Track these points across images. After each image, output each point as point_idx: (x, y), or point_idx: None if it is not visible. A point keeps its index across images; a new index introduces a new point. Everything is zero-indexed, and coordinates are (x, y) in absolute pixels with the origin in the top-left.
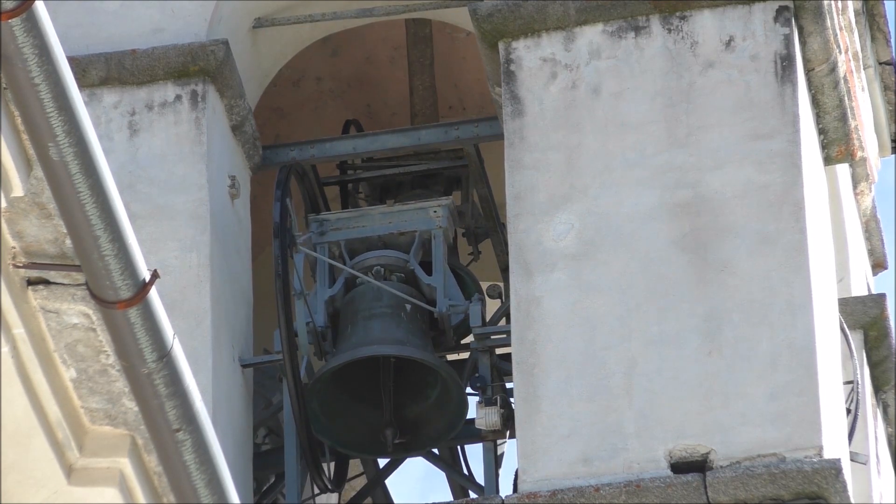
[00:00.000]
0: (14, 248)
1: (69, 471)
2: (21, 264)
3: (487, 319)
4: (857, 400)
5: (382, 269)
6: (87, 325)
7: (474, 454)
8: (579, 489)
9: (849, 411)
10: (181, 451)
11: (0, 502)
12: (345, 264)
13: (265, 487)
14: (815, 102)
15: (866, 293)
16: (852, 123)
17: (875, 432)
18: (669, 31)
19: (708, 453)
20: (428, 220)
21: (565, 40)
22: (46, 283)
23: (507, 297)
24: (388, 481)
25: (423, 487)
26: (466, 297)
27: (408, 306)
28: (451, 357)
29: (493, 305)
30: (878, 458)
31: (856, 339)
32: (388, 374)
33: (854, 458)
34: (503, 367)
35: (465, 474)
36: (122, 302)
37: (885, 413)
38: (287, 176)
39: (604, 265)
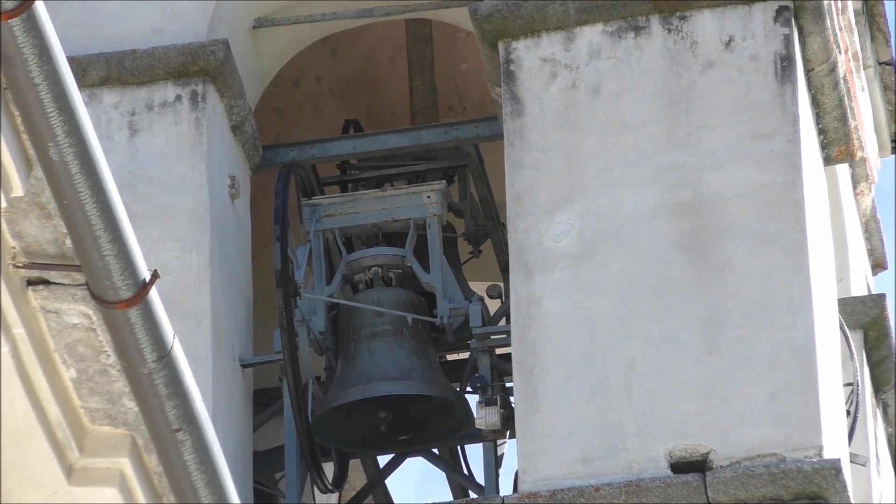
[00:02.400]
0: (14, 248)
1: (69, 471)
2: (21, 264)
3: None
4: (857, 400)
5: (380, 270)
6: (87, 325)
7: (474, 454)
8: (579, 489)
9: (848, 413)
10: (181, 451)
11: (0, 502)
12: (340, 255)
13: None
14: (815, 102)
15: (866, 293)
16: (852, 123)
17: (875, 432)
18: (669, 31)
19: (708, 453)
20: (422, 207)
21: (565, 40)
22: (46, 283)
23: (507, 297)
24: (388, 481)
25: (423, 487)
26: (465, 295)
27: (409, 318)
28: (451, 357)
29: (493, 305)
30: (878, 458)
31: (856, 339)
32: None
33: (854, 459)
34: (503, 367)
35: (465, 474)
36: (122, 302)
37: (885, 413)
38: (286, 182)
39: (604, 265)
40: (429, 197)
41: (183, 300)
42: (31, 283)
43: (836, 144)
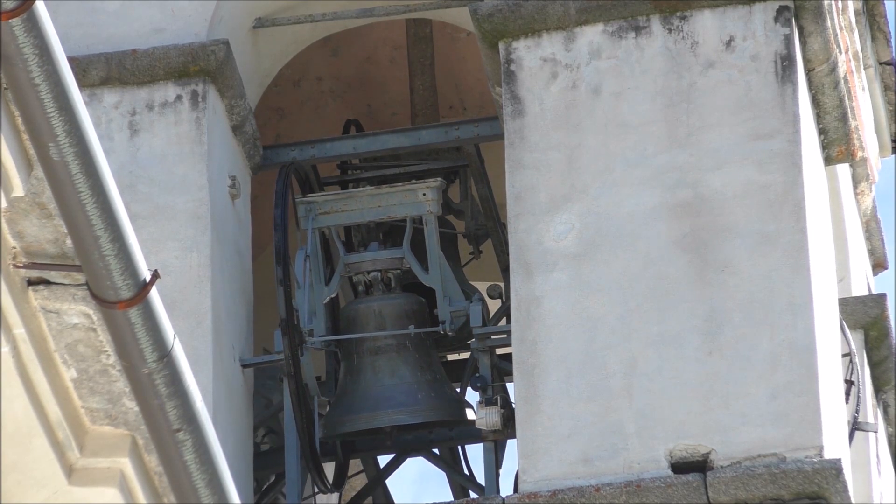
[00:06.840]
0: (14, 248)
1: (69, 471)
2: (21, 264)
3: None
4: (858, 399)
5: (379, 274)
6: (87, 325)
7: (474, 454)
8: (579, 489)
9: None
10: (181, 451)
11: (0, 502)
12: (339, 252)
13: (265, 486)
14: (816, 102)
15: (866, 293)
16: (852, 123)
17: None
18: (670, 31)
19: (708, 453)
20: (418, 204)
21: (566, 40)
22: (47, 283)
23: (507, 297)
24: (388, 481)
25: (423, 487)
26: (466, 294)
27: (411, 327)
28: (451, 357)
29: (493, 305)
30: (879, 458)
31: (856, 339)
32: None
33: (863, 426)
34: (503, 367)
35: (465, 474)
36: (122, 302)
37: (885, 413)
38: (286, 179)
39: (604, 265)
40: (425, 194)
41: (183, 300)
42: (31, 283)
43: (837, 144)
